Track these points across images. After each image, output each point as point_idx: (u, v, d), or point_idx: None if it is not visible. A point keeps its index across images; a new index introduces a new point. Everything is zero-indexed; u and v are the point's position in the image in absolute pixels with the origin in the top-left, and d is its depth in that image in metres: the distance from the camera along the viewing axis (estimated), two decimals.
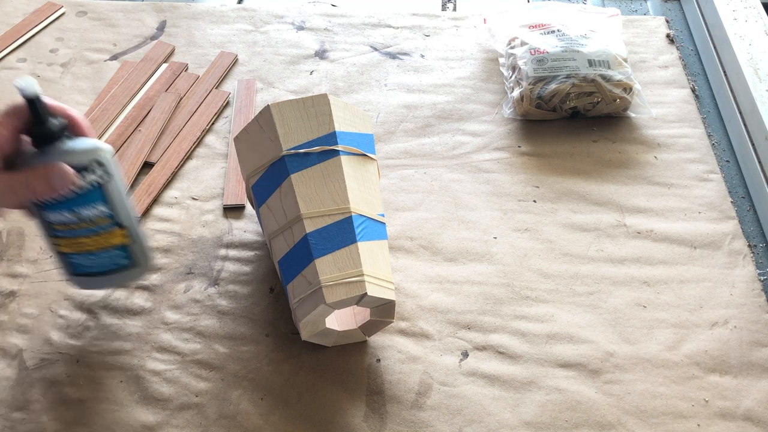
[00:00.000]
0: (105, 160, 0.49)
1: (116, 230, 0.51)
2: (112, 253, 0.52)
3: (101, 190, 0.49)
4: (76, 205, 0.49)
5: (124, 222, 0.52)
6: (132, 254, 0.53)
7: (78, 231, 0.50)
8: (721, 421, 0.50)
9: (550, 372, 0.53)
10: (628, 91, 0.71)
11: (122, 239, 0.52)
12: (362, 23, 0.87)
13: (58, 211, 0.49)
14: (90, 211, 0.49)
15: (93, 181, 0.49)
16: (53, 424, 0.50)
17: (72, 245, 0.50)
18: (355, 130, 0.56)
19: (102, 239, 0.51)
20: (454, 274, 0.60)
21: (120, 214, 0.51)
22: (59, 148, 0.48)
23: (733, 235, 0.63)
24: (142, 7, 0.89)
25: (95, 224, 0.50)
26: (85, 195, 0.49)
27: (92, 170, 0.49)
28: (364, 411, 0.51)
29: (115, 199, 0.50)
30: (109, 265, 0.53)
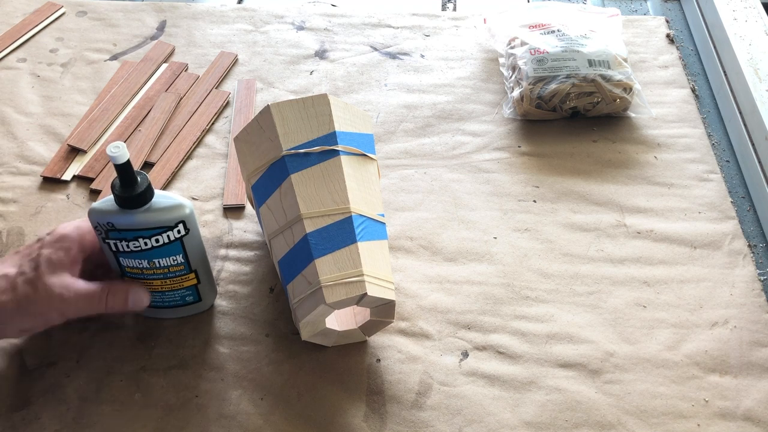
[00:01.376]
0: (189, 217, 0.50)
1: (189, 275, 0.53)
2: (181, 293, 0.54)
3: (181, 242, 0.51)
4: (154, 256, 0.50)
5: (196, 267, 0.53)
6: (199, 292, 0.55)
7: (150, 275, 0.52)
8: (721, 421, 0.50)
9: (550, 372, 0.53)
10: (628, 91, 0.71)
11: (192, 281, 0.54)
12: (362, 23, 0.87)
13: (134, 258, 0.50)
14: (166, 261, 0.51)
15: (175, 237, 0.50)
16: (53, 424, 0.50)
17: (142, 283, 0.52)
18: (355, 130, 0.56)
19: (173, 283, 0.53)
20: (454, 274, 0.60)
21: (193, 261, 0.52)
22: (148, 212, 0.49)
23: (733, 235, 0.63)
24: (142, 7, 0.89)
25: (168, 271, 0.52)
26: (165, 248, 0.50)
27: (176, 228, 0.50)
28: (364, 411, 0.51)
29: (192, 250, 0.52)
30: (176, 302, 0.54)
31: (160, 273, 0.51)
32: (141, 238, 0.49)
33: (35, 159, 0.70)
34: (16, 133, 0.73)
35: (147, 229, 0.49)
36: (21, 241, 0.63)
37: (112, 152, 0.45)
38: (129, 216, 0.48)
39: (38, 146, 0.71)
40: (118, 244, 0.49)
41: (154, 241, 0.49)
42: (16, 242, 0.63)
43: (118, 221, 0.48)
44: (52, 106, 0.76)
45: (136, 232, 0.49)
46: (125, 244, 0.49)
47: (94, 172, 0.69)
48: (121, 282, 0.52)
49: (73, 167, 0.69)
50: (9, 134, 0.73)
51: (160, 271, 0.51)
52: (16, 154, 0.71)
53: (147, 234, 0.49)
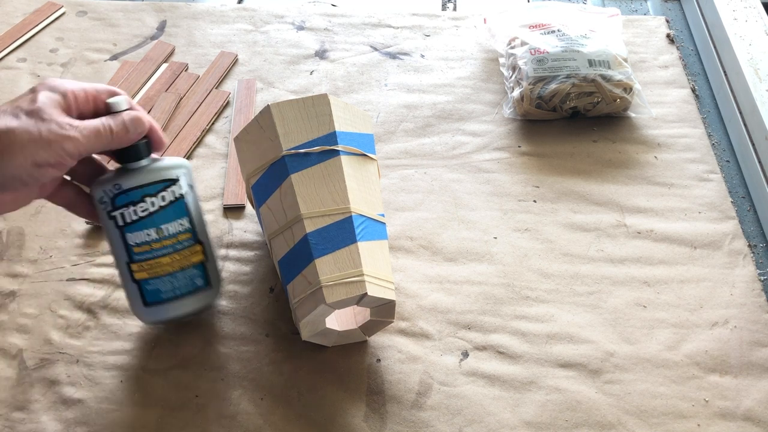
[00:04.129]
0: (188, 172, 0.52)
1: (195, 247, 0.52)
2: (190, 272, 0.52)
3: (184, 202, 0.51)
4: (161, 221, 0.50)
5: (202, 237, 0.53)
6: (207, 273, 0.53)
7: (159, 251, 0.51)
8: (721, 421, 0.50)
9: (550, 372, 0.53)
10: (628, 91, 0.71)
11: (200, 256, 0.53)
12: (362, 23, 0.87)
13: (142, 229, 0.50)
14: (173, 226, 0.51)
15: (177, 194, 0.51)
16: (53, 424, 0.50)
17: (151, 268, 0.51)
18: (355, 130, 0.56)
19: (182, 257, 0.52)
20: (454, 274, 0.60)
21: (198, 229, 0.52)
22: (147, 164, 0.50)
23: (733, 235, 0.63)
24: (142, 7, 0.89)
25: (176, 240, 0.51)
26: (171, 208, 0.51)
27: (177, 183, 0.51)
28: (364, 411, 0.51)
29: (194, 213, 0.52)
30: (186, 287, 0.52)
31: (169, 245, 0.51)
32: (147, 197, 0.50)
33: None
34: None
35: (152, 184, 0.50)
36: (21, 241, 0.63)
37: (113, 101, 0.48)
38: (133, 175, 0.50)
39: None
40: (125, 213, 0.50)
41: (160, 199, 0.50)
42: (16, 242, 0.63)
43: (124, 182, 0.49)
44: None
45: (142, 190, 0.50)
46: (132, 211, 0.50)
47: None
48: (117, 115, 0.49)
49: None
50: None
51: (169, 242, 0.51)
52: None
53: (152, 190, 0.50)
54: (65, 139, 0.45)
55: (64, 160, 0.46)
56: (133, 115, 0.49)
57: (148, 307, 0.52)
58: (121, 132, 0.48)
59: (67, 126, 0.45)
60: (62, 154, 0.45)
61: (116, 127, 0.48)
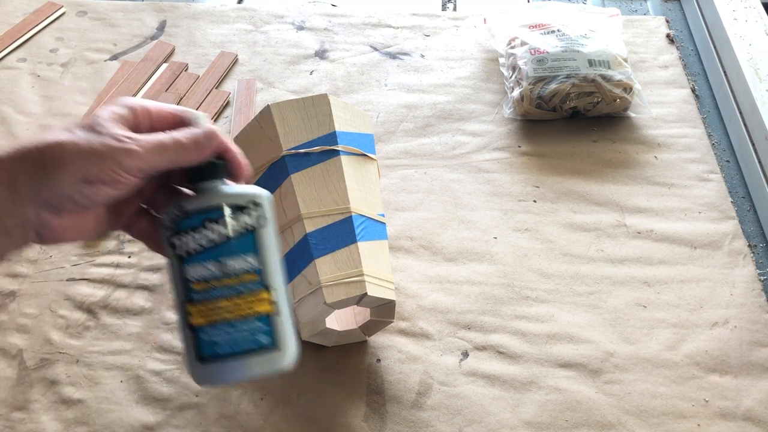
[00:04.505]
0: (263, 203, 0.45)
1: (262, 293, 0.44)
2: (252, 324, 0.44)
3: (254, 237, 0.44)
4: (224, 254, 0.43)
5: (272, 283, 0.44)
6: (274, 330, 0.44)
7: (218, 291, 0.43)
8: (721, 421, 0.50)
9: (550, 372, 0.53)
10: (628, 91, 0.71)
11: (267, 307, 0.44)
12: (362, 23, 0.87)
13: (202, 261, 0.43)
14: (237, 262, 0.44)
15: (247, 225, 0.44)
16: (53, 424, 0.50)
17: (207, 312, 0.43)
18: (355, 130, 0.56)
19: (244, 303, 0.44)
20: (454, 274, 0.60)
21: (269, 273, 0.44)
22: (216, 187, 0.44)
23: (733, 235, 0.63)
24: (142, 7, 0.89)
25: (239, 281, 0.44)
26: (237, 241, 0.43)
27: (248, 212, 0.44)
28: (364, 411, 0.51)
29: (267, 253, 0.44)
30: (246, 343, 0.44)
31: (230, 285, 0.43)
32: (211, 223, 0.43)
33: None
34: (16, 133, 0.73)
35: (217, 208, 0.43)
36: None
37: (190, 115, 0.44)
38: (199, 197, 0.44)
39: None
40: (186, 240, 0.43)
41: (224, 227, 0.44)
42: None
43: (188, 203, 0.44)
44: (52, 106, 0.76)
45: (205, 214, 0.43)
46: (193, 238, 0.43)
47: None
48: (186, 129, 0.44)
49: None
50: (9, 134, 0.73)
51: (230, 281, 0.43)
52: None
53: (216, 215, 0.43)
54: (121, 152, 0.40)
55: (120, 177, 0.40)
56: (207, 128, 0.43)
57: (203, 364, 0.44)
58: (191, 145, 0.43)
59: (124, 138, 0.40)
60: (116, 169, 0.40)
61: (186, 140, 0.42)
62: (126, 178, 0.41)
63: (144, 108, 0.43)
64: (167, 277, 0.47)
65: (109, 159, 0.40)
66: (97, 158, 0.40)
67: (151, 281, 0.60)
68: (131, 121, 0.43)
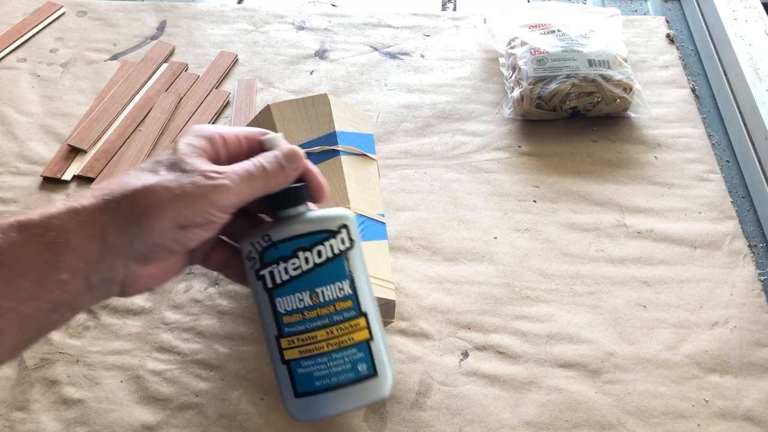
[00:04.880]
0: (352, 223, 0.43)
1: (358, 320, 0.42)
2: (351, 354, 0.42)
3: (345, 261, 0.42)
4: (317, 283, 0.42)
5: (366, 308, 0.43)
6: (372, 357, 0.43)
7: (312, 321, 0.42)
8: (721, 421, 0.50)
9: (550, 372, 0.53)
10: (628, 91, 0.71)
11: (364, 334, 0.42)
12: (362, 23, 0.87)
13: (294, 292, 0.42)
14: (331, 290, 0.42)
15: (339, 249, 0.42)
16: (53, 424, 0.50)
17: (302, 346, 0.42)
18: (355, 130, 0.56)
19: (341, 333, 0.42)
20: (454, 274, 0.60)
21: (362, 297, 0.43)
22: (302, 212, 0.42)
23: (733, 235, 0.63)
24: (142, 7, 0.89)
25: (333, 309, 0.42)
26: (329, 268, 0.42)
27: (338, 236, 0.42)
28: (364, 411, 0.51)
29: (358, 277, 0.43)
30: (345, 375, 0.42)
31: (325, 315, 0.42)
32: (301, 252, 0.41)
33: (35, 159, 0.70)
34: (16, 133, 0.73)
35: (307, 235, 0.42)
36: None
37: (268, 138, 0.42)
38: (286, 225, 0.42)
39: (38, 146, 0.71)
40: (275, 272, 0.42)
41: (315, 255, 0.42)
42: None
43: (275, 232, 0.42)
44: (52, 106, 0.76)
45: (294, 242, 0.42)
46: (283, 269, 0.42)
47: (94, 172, 0.69)
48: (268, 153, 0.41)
49: (73, 167, 0.69)
50: (9, 134, 0.73)
51: (325, 310, 0.42)
52: (16, 154, 0.71)
53: (307, 243, 0.42)
54: (212, 190, 0.37)
55: (214, 217, 0.38)
56: (286, 150, 0.41)
57: (300, 399, 0.42)
58: (276, 170, 0.40)
59: (213, 174, 0.38)
60: (210, 209, 0.38)
61: (269, 165, 0.40)
62: (219, 217, 0.38)
63: (220, 136, 0.41)
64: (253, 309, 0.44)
65: (202, 199, 0.37)
66: (191, 201, 0.37)
67: None
68: (210, 153, 0.40)
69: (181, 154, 0.38)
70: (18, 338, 0.35)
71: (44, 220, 0.35)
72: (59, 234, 0.35)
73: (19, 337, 0.35)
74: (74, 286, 0.36)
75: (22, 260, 0.34)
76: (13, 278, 0.34)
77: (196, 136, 0.40)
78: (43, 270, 0.34)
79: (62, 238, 0.35)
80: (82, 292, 0.36)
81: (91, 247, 0.36)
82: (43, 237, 0.35)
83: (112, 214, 0.36)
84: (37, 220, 0.35)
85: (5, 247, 0.34)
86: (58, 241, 0.35)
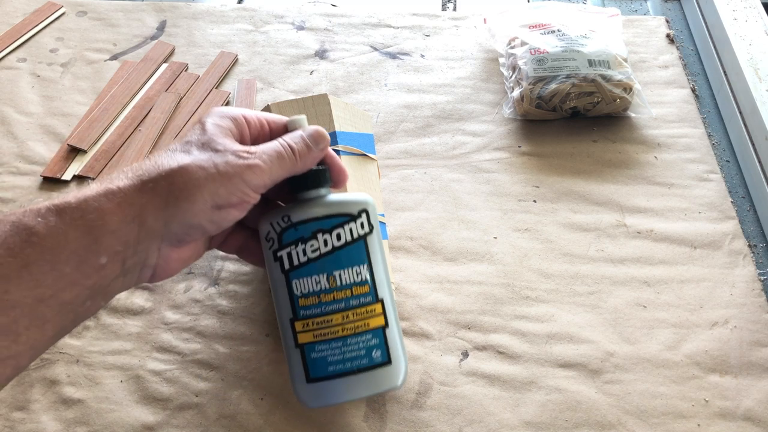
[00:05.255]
0: (372, 209, 0.43)
1: (374, 306, 0.42)
2: (366, 340, 0.42)
3: (364, 245, 0.42)
4: (335, 266, 0.41)
5: (383, 294, 0.43)
6: (387, 345, 0.43)
7: (328, 305, 0.42)
8: (721, 421, 0.50)
9: (550, 372, 0.53)
10: (628, 91, 0.71)
11: (380, 320, 0.42)
12: (362, 23, 0.87)
13: (311, 274, 0.41)
14: (348, 274, 0.42)
15: (359, 234, 0.42)
16: (53, 424, 0.50)
17: (317, 329, 0.42)
18: (355, 130, 0.56)
19: (356, 318, 0.42)
20: (454, 274, 0.60)
21: (378, 283, 0.43)
22: (323, 195, 0.42)
23: (733, 235, 0.63)
24: (142, 7, 0.89)
25: (350, 294, 0.42)
26: (348, 251, 0.42)
27: (359, 220, 0.42)
28: (364, 411, 0.51)
29: (375, 262, 0.43)
30: (359, 361, 0.42)
31: (341, 299, 0.41)
32: (321, 233, 0.41)
33: (35, 159, 0.70)
34: (16, 133, 0.73)
35: (327, 217, 0.42)
36: None
37: (294, 119, 0.42)
38: (306, 206, 0.42)
39: (38, 146, 0.71)
40: (293, 253, 0.41)
41: (335, 237, 0.41)
42: None
43: (295, 214, 0.41)
44: (52, 106, 0.76)
45: (314, 224, 0.41)
46: (302, 249, 0.41)
47: (94, 172, 0.69)
48: None
49: (73, 167, 0.69)
50: (9, 134, 0.73)
51: (341, 294, 0.41)
52: (16, 154, 0.71)
53: (327, 225, 0.41)
54: (246, 169, 0.37)
55: (248, 197, 0.38)
56: (312, 130, 0.41)
57: (312, 385, 0.42)
58: (303, 150, 0.40)
59: (245, 154, 0.38)
60: (245, 190, 0.38)
61: (297, 145, 0.40)
62: (252, 197, 0.38)
63: (243, 116, 0.40)
64: (267, 290, 0.43)
65: (237, 179, 0.37)
66: (226, 180, 0.37)
67: None
68: (236, 133, 0.40)
69: (211, 135, 0.38)
70: (58, 327, 0.34)
71: (81, 203, 0.34)
72: (98, 216, 0.34)
73: (58, 325, 0.34)
74: (111, 271, 0.35)
75: (63, 245, 0.33)
76: (56, 264, 0.33)
77: (221, 117, 0.40)
78: (83, 255, 0.34)
79: (101, 221, 0.34)
80: (117, 277, 0.36)
81: (129, 230, 0.35)
82: (82, 220, 0.34)
83: (150, 195, 0.36)
84: (74, 204, 0.34)
85: (46, 233, 0.33)
86: (97, 224, 0.34)
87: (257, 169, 0.38)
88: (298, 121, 0.42)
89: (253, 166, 0.38)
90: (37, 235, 0.33)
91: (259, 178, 0.38)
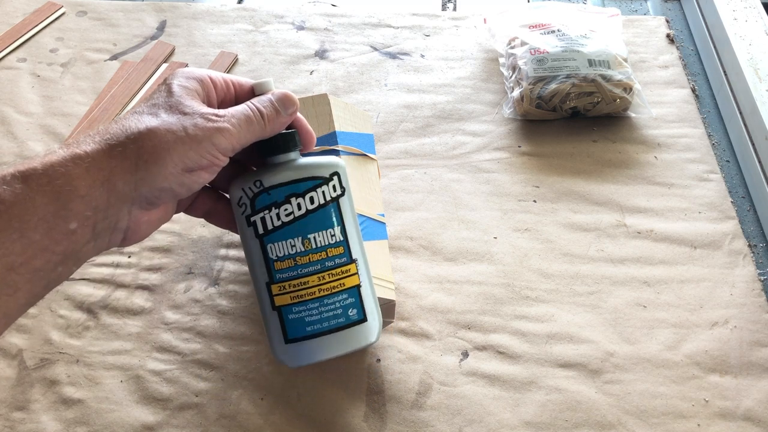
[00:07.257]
0: (343, 171, 0.43)
1: (349, 266, 0.43)
2: (342, 299, 0.43)
3: (337, 208, 0.43)
4: (309, 228, 0.42)
5: (357, 255, 0.44)
6: (362, 303, 0.44)
7: (304, 267, 0.42)
8: (721, 421, 0.50)
9: (550, 372, 0.53)
10: (628, 91, 0.71)
11: (355, 279, 0.43)
12: (362, 23, 0.87)
13: (286, 238, 0.42)
14: (322, 236, 0.42)
15: (332, 196, 0.42)
16: (53, 424, 0.50)
17: (294, 291, 0.42)
18: (355, 130, 0.56)
19: (332, 278, 0.43)
20: (454, 274, 0.60)
21: (352, 244, 0.44)
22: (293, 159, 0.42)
23: (733, 235, 0.63)
24: (142, 7, 0.89)
25: (325, 255, 0.42)
26: (321, 214, 0.42)
27: (331, 183, 0.42)
28: (364, 411, 0.51)
29: (348, 223, 0.43)
30: (336, 320, 0.43)
31: (317, 261, 0.42)
32: (294, 197, 0.42)
33: None
34: (16, 133, 0.73)
35: (299, 181, 0.42)
36: None
37: (260, 82, 0.42)
38: (278, 171, 0.42)
39: (38, 146, 0.71)
40: (266, 217, 0.42)
41: (308, 201, 0.42)
42: None
43: (267, 178, 0.42)
44: (52, 106, 0.76)
45: (287, 188, 0.42)
46: (275, 215, 0.42)
47: None
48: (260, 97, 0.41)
49: None
50: (9, 134, 0.73)
51: (317, 256, 0.42)
52: (16, 154, 0.71)
53: (300, 189, 0.42)
54: (215, 132, 0.37)
55: (217, 160, 0.38)
56: (280, 94, 0.42)
57: (290, 345, 0.43)
58: (272, 114, 0.40)
59: (213, 117, 0.38)
60: (214, 152, 0.37)
61: (266, 109, 0.40)
62: (222, 159, 0.38)
63: (210, 78, 0.40)
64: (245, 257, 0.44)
65: (207, 142, 0.37)
66: (195, 143, 0.36)
67: (151, 281, 0.60)
68: (202, 95, 0.39)
69: (177, 96, 0.38)
70: (29, 294, 0.34)
71: (47, 168, 0.34)
72: (66, 182, 0.34)
73: (30, 292, 0.34)
74: (82, 236, 0.35)
75: (31, 212, 0.33)
76: (25, 232, 0.33)
77: (187, 78, 0.39)
78: (52, 221, 0.34)
79: (69, 186, 0.34)
80: (88, 241, 0.36)
81: (99, 194, 0.35)
82: (49, 186, 0.34)
83: (119, 159, 0.35)
84: (40, 169, 0.34)
85: (12, 200, 0.33)
86: (65, 189, 0.34)
87: (226, 133, 0.38)
88: (264, 84, 0.42)
89: (223, 129, 0.38)
90: (4, 203, 0.33)
91: (228, 142, 0.38)
